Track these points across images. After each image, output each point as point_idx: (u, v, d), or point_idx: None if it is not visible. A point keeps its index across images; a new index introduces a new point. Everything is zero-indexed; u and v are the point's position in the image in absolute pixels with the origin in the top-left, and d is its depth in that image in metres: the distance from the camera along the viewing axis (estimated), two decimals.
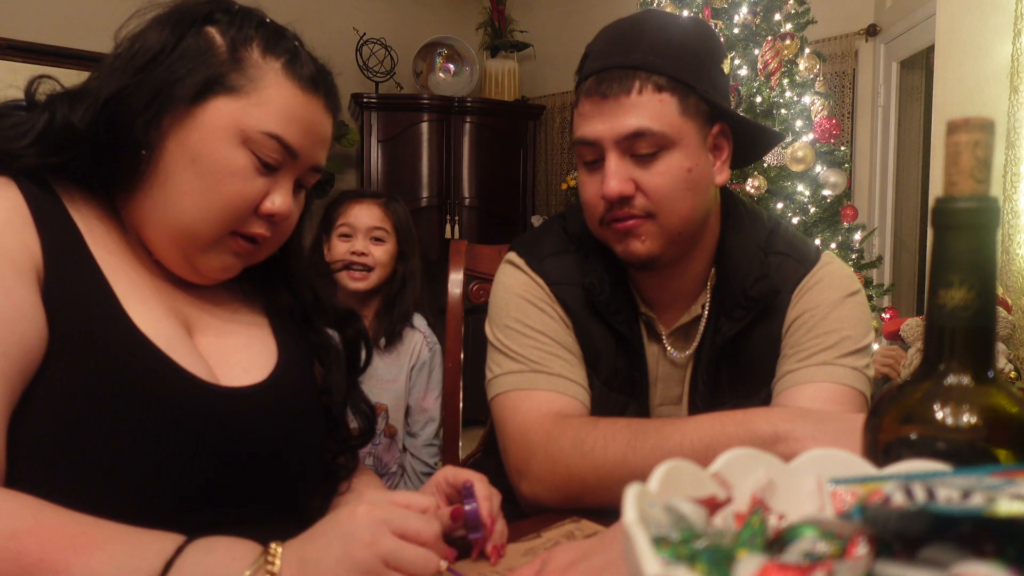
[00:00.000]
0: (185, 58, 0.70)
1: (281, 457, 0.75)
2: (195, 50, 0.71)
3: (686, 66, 0.92)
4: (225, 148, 0.70)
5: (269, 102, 0.72)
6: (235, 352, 0.77)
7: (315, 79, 0.76)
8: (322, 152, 0.79)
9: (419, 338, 1.75)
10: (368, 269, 1.69)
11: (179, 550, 0.56)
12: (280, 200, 0.74)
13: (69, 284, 0.66)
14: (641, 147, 0.90)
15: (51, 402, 0.62)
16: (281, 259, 0.85)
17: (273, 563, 0.56)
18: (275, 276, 0.86)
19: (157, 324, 0.69)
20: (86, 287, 0.67)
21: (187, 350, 0.71)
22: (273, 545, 0.58)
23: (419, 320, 1.78)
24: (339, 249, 1.68)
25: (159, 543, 0.57)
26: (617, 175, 0.90)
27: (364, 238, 1.69)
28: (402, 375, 1.73)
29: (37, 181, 0.69)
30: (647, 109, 0.89)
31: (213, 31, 0.72)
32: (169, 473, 0.66)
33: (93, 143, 0.69)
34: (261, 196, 0.73)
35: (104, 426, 0.63)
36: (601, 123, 0.91)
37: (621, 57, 0.91)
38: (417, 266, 1.78)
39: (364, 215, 1.71)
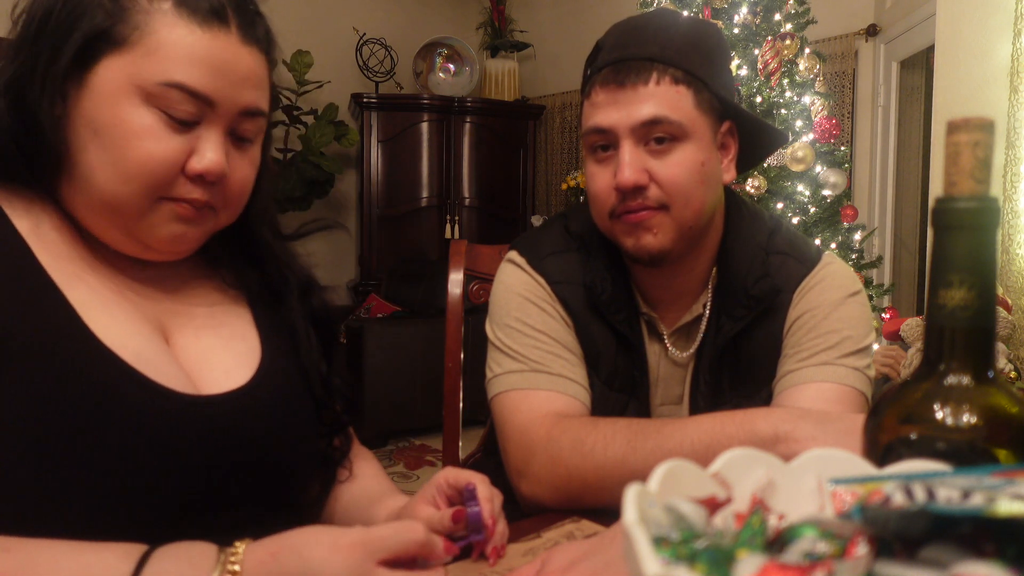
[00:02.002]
0: (70, 19, 0.63)
1: (272, 457, 0.72)
2: (79, 6, 0.63)
3: (700, 62, 0.93)
4: (124, 110, 0.63)
5: (160, 48, 0.63)
6: (215, 353, 0.72)
7: (218, 10, 0.66)
8: (248, 92, 0.68)
9: None
10: None
11: (139, 565, 0.52)
12: (209, 157, 0.65)
13: (20, 304, 0.60)
14: (656, 136, 0.90)
15: (15, 429, 0.58)
16: (244, 232, 0.78)
17: (234, 566, 0.53)
18: (239, 252, 0.79)
19: (124, 333, 0.64)
20: (39, 305, 0.61)
21: (160, 360, 0.66)
22: (238, 545, 0.54)
23: None
24: None
25: (118, 561, 0.53)
26: (632, 164, 0.90)
27: None
28: None
29: None
30: (664, 98, 0.90)
31: None
32: (152, 491, 0.62)
33: (11, 135, 0.63)
34: (182, 156, 0.65)
35: (75, 450, 0.59)
36: (617, 111, 0.91)
37: (638, 49, 0.92)
38: None
39: None
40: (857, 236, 2.69)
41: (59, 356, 0.60)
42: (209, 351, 0.72)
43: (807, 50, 2.61)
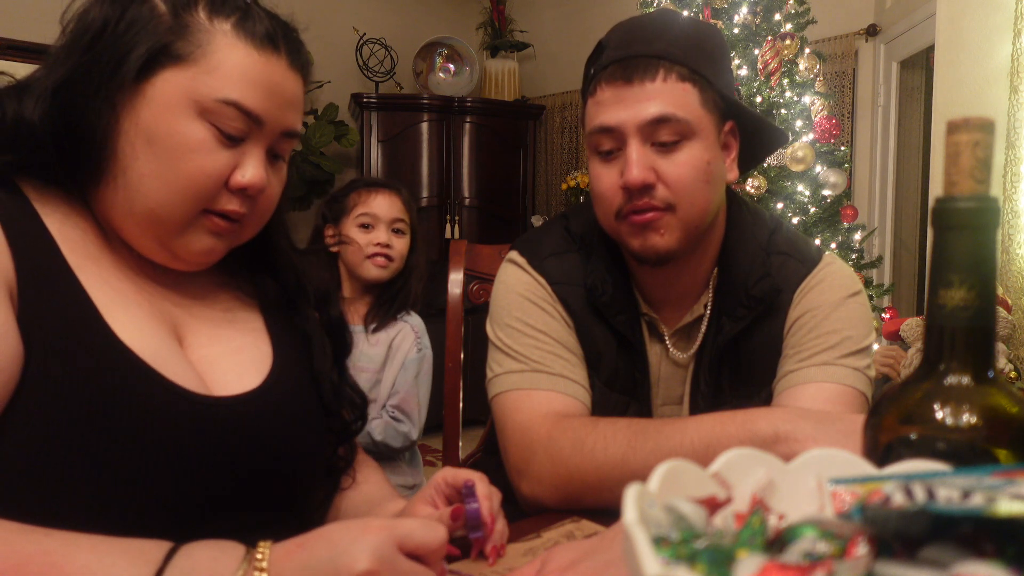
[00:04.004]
0: (130, 31, 0.65)
1: (281, 463, 0.73)
2: (138, 21, 0.66)
3: (705, 61, 0.93)
4: (180, 123, 0.66)
5: (220, 67, 0.67)
6: (227, 357, 0.74)
7: (271, 36, 0.70)
8: (291, 115, 0.73)
9: (409, 334, 1.71)
10: (390, 259, 1.68)
11: (166, 560, 0.53)
12: (252, 171, 0.69)
13: (45, 299, 0.62)
14: (663, 135, 0.90)
15: (33, 424, 0.59)
16: (263, 241, 0.80)
17: (261, 562, 0.53)
18: (259, 262, 0.82)
19: (142, 333, 0.66)
20: (63, 301, 0.63)
21: (175, 361, 0.67)
22: (261, 545, 0.55)
23: (415, 319, 1.74)
24: (360, 239, 1.67)
25: (145, 555, 0.54)
26: (640, 163, 0.89)
27: (387, 229, 1.68)
28: (376, 363, 1.68)
29: (4, 185, 0.65)
30: (671, 96, 0.89)
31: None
32: (163, 490, 0.63)
33: (52, 136, 0.65)
34: (228, 170, 0.68)
35: (91, 446, 0.60)
36: (624, 109, 0.90)
37: (643, 46, 0.91)
38: (422, 262, 1.76)
39: (386, 206, 1.69)
40: (857, 236, 2.69)
41: (80, 351, 0.62)
42: (221, 355, 0.73)
43: (807, 50, 2.61)
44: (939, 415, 0.45)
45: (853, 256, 2.66)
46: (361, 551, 0.51)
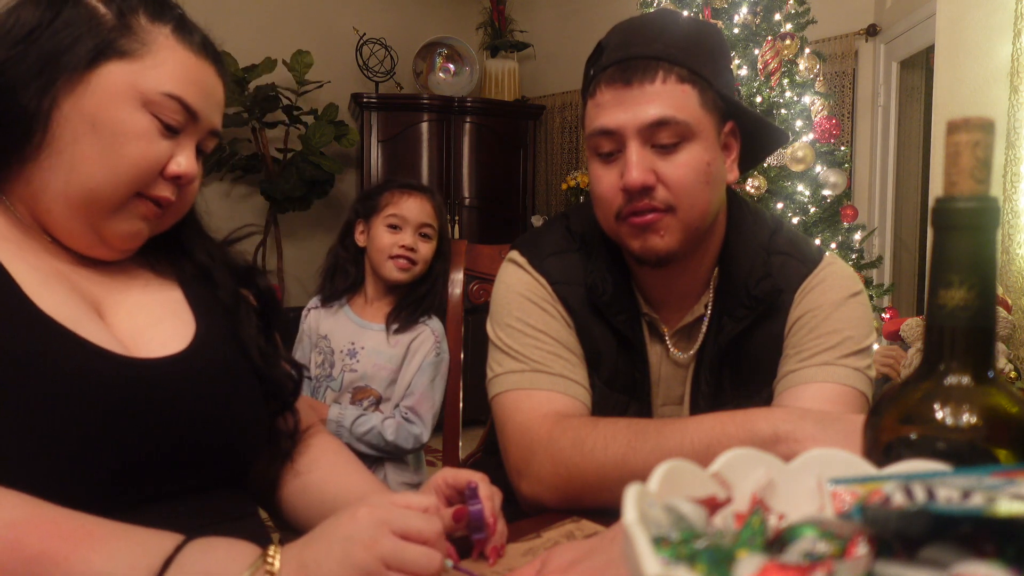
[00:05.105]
0: (69, 28, 0.70)
1: (212, 427, 0.74)
2: (78, 19, 0.71)
3: (705, 62, 0.92)
4: (125, 111, 0.71)
5: (165, 64, 0.73)
6: (148, 328, 0.75)
7: (204, 44, 0.77)
8: (218, 116, 0.80)
9: (429, 337, 1.71)
10: (413, 263, 1.69)
11: (178, 548, 0.56)
12: (186, 162, 0.75)
13: None
14: (663, 137, 0.89)
15: None
16: (177, 226, 0.83)
17: (272, 564, 0.56)
18: (176, 244, 0.85)
19: (63, 305, 0.68)
20: None
21: (96, 328, 0.69)
22: (272, 547, 0.57)
23: (436, 323, 1.74)
24: (386, 240, 1.68)
25: (158, 541, 0.56)
26: (639, 165, 0.89)
27: (414, 233, 1.69)
28: (394, 363, 1.69)
29: None
30: (671, 98, 0.89)
31: (93, 1, 0.73)
32: (93, 452, 0.65)
33: None
34: (165, 158, 0.74)
35: (16, 412, 0.61)
36: (623, 112, 0.90)
37: (643, 48, 0.91)
38: (449, 268, 1.77)
39: (416, 209, 1.70)
40: (857, 236, 2.69)
41: (2, 323, 0.63)
42: (144, 325, 0.75)
43: (807, 50, 2.61)
44: (939, 415, 0.45)
45: (853, 256, 2.66)
46: (357, 506, 0.58)
